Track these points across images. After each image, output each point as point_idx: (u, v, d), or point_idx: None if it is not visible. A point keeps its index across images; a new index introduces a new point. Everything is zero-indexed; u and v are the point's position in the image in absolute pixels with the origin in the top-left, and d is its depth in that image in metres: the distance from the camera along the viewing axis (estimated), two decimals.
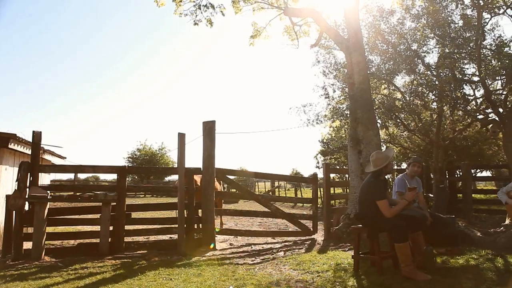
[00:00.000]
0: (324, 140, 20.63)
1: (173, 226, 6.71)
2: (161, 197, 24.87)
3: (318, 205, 8.82)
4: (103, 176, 41.14)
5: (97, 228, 6.29)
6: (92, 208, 6.79)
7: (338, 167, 18.17)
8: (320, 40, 10.00)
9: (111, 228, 6.27)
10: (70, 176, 32.07)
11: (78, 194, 6.71)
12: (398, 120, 11.73)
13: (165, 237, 7.48)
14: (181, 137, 6.54)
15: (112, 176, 31.47)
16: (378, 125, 9.48)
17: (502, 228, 6.05)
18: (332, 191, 10.02)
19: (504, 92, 9.29)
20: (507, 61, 8.34)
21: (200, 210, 7.00)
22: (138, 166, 30.15)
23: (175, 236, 6.77)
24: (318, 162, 22.46)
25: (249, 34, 11.18)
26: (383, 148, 13.33)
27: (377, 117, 10.02)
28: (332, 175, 11.33)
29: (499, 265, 4.65)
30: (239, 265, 5.22)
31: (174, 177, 15.06)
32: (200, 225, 6.99)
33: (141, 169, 22.81)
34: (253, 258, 5.80)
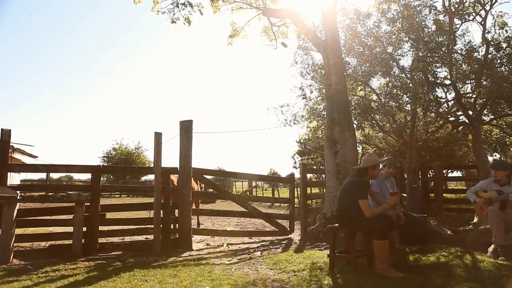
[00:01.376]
0: (301, 141, 20.78)
1: (149, 226, 6.61)
2: (137, 197, 24.44)
3: (295, 205, 8.90)
4: (77, 176, 40.11)
5: (70, 229, 6.11)
6: (64, 209, 6.60)
7: (315, 167, 18.35)
8: (298, 41, 10.08)
9: (84, 229, 6.12)
10: (42, 175, 31.09)
11: (50, 194, 6.53)
12: (374, 121, 11.96)
13: (141, 237, 7.37)
14: (158, 136, 6.46)
15: (87, 176, 30.74)
16: (354, 126, 9.63)
17: (470, 226, 6.28)
18: (309, 191, 10.13)
19: (474, 96, 9.65)
20: (476, 66, 8.66)
21: (176, 210, 6.93)
22: (113, 166, 29.51)
23: (151, 237, 6.67)
24: (295, 162, 22.62)
25: (227, 34, 11.17)
26: (359, 149, 13.57)
27: (353, 118, 10.18)
28: (309, 175, 11.44)
29: (467, 261, 4.82)
30: (215, 265, 5.20)
31: (151, 177, 14.83)
32: (177, 225, 6.92)
33: (116, 169, 22.34)
34: (230, 258, 5.79)
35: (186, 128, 6.86)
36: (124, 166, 28.21)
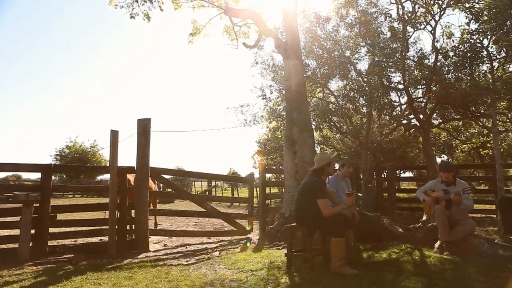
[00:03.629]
0: (261, 141, 20.98)
1: (103, 227, 6.37)
2: (91, 197, 23.53)
3: (254, 205, 8.94)
4: (26, 175, 37.93)
5: (16, 232, 5.76)
6: (11, 210, 6.22)
7: (274, 167, 18.57)
8: (259, 41, 10.15)
9: (33, 231, 5.79)
10: None
11: None
12: (332, 123, 12.30)
13: (95, 239, 7.09)
14: (114, 134, 6.24)
15: (37, 175, 29.19)
16: (313, 127, 9.85)
17: (419, 224, 6.62)
18: (268, 191, 10.22)
19: (424, 100, 10.18)
20: (426, 72, 9.14)
21: (133, 211, 6.74)
22: (66, 165, 28.16)
23: (105, 238, 6.44)
24: (255, 162, 22.79)
25: (188, 32, 11.03)
26: (317, 149, 13.87)
27: (312, 119, 10.41)
28: (268, 175, 11.55)
29: (416, 257, 5.09)
30: (173, 266, 5.11)
31: (107, 176, 14.34)
32: (133, 226, 6.74)
33: (69, 168, 21.29)
34: (188, 259, 5.72)
35: (144, 126, 6.70)
36: (77, 165, 26.93)
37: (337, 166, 6.65)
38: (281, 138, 15.80)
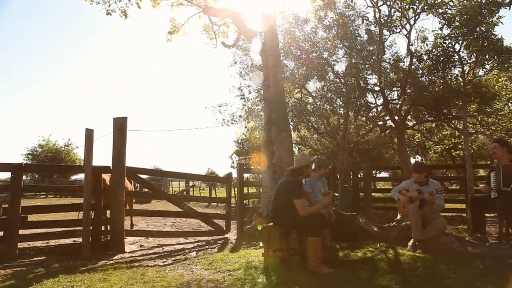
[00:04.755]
0: (239, 141, 20.99)
1: (77, 228, 6.21)
2: (65, 197, 22.91)
3: (232, 205, 8.93)
4: None
5: None
6: None
7: (252, 167, 18.60)
8: (238, 41, 10.14)
9: (1, 233, 5.58)
10: None
11: None
12: (309, 123, 12.42)
13: (69, 240, 6.90)
14: (89, 133, 6.09)
15: (7, 175, 28.15)
16: (291, 127, 9.91)
17: (394, 223, 6.77)
18: (246, 191, 10.21)
19: (399, 102, 10.42)
20: (402, 75, 9.36)
21: (108, 211, 6.60)
22: (38, 164, 27.33)
23: (79, 240, 6.28)
24: (233, 162, 22.78)
25: (167, 31, 10.90)
26: (295, 150, 13.98)
27: (289, 119, 10.48)
28: (246, 175, 11.54)
29: (390, 255, 5.20)
30: (149, 267, 5.04)
31: (82, 176, 13.99)
32: (109, 226, 6.60)
33: (41, 167, 20.70)
34: (164, 260, 5.65)
35: (120, 125, 6.57)
36: (50, 165, 26.18)
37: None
38: (259, 138, 15.84)
